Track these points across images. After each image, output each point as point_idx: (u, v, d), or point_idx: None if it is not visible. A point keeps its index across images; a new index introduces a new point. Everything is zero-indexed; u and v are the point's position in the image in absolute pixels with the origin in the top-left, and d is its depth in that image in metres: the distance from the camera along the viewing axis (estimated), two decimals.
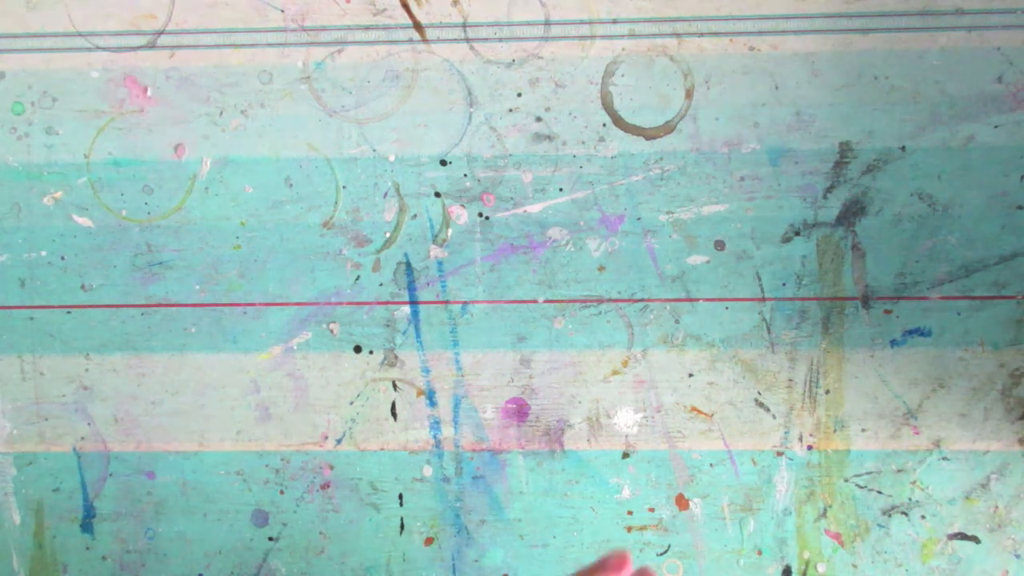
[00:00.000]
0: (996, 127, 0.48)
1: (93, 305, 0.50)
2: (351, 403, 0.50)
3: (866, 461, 0.49)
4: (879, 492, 0.49)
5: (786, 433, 0.49)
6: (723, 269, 0.49)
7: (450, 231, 0.49)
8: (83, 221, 0.50)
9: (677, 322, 0.49)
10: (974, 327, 0.48)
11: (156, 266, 0.50)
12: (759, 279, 0.49)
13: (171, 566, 0.51)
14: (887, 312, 0.49)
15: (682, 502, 0.49)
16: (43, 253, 0.50)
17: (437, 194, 0.49)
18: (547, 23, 0.49)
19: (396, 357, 0.50)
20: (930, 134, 0.48)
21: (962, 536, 0.49)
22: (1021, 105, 0.48)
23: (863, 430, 0.49)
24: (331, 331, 0.50)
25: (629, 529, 0.50)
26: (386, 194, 0.50)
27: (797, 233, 0.49)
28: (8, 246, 0.50)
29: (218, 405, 0.50)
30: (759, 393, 0.49)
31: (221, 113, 0.50)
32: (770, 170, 0.49)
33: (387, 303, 0.50)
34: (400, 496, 0.50)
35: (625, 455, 0.50)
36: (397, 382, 0.50)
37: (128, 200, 0.50)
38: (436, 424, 0.50)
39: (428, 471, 0.50)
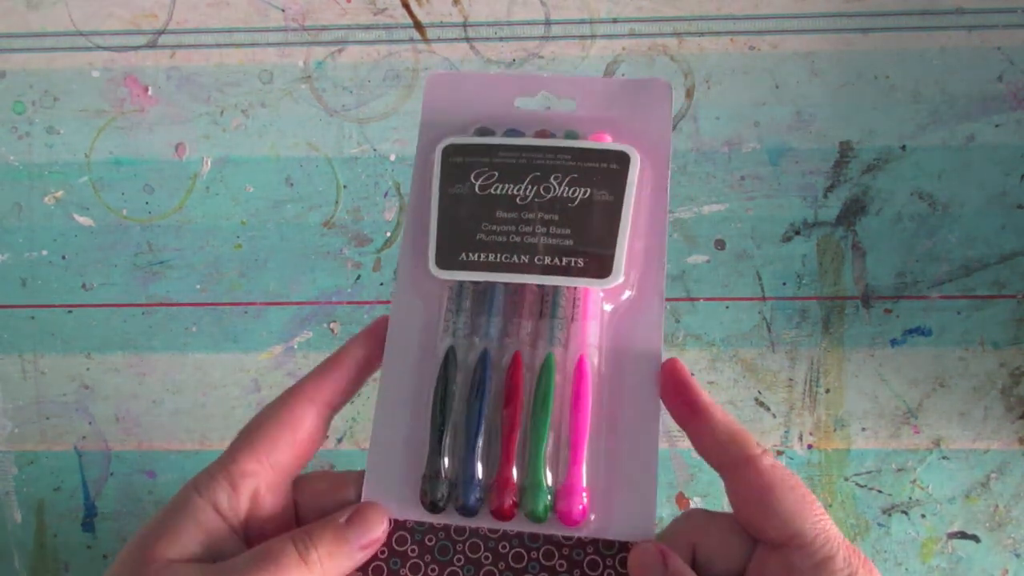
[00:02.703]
0: (996, 126, 0.48)
1: (94, 304, 0.50)
2: (351, 402, 0.50)
3: (866, 460, 0.49)
4: (879, 491, 0.49)
5: (786, 432, 0.49)
6: (723, 268, 0.49)
7: None
8: (84, 220, 0.50)
9: (677, 322, 0.49)
10: (974, 326, 0.48)
11: (157, 265, 0.50)
12: (759, 278, 0.49)
13: None
14: (887, 311, 0.49)
15: (682, 501, 0.49)
16: (44, 252, 0.50)
17: None
18: (547, 23, 0.49)
19: None
20: (930, 134, 0.48)
21: (962, 535, 0.49)
22: (1021, 105, 0.48)
23: (863, 429, 0.49)
24: (332, 330, 0.50)
25: None
26: (387, 193, 0.50)
27: (797, 232, 0.49)
28: (9, 245, 0.50)
29: (219, 404, 0.50)
30: (759, 392, 0.49)
31: (222, 112, 0.50)
32: (770, 169, 0.49)
33: (388, 302, 0.50)
34: None
35: None
36: None
37: (129, 199, 0.50)
38: None
39: None
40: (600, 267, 0.31)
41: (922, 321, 0.49)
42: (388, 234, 0.50)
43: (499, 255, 0.31)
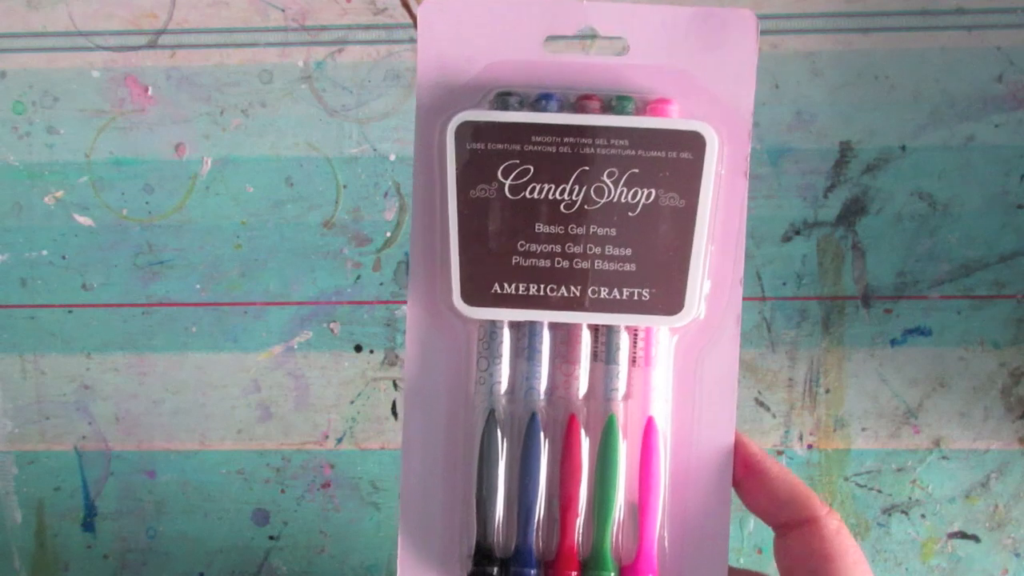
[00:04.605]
0: (996, 127, 0.48)
1: (94, 304, 0.50)
2: (352, 402, 0.50)
3: (866, 460, 0.49)
4: (879, 491, 0.49)
5: (786, 432, 0.49)
6: None
7: None
8: (84, 220, 0.50)
9: None
10: (974, 326, 0.48)
11: (157, 265, 0.50)
12: (759, 278, 0.49)
13: (172, 565, 0.51)
14: (887, 311, 0.49)
15: None
16: (44, 252, 0.50)
17: None
18: None
19: (397, 356, 0.50)
20: (930, 134, 0.48)
21: (962, 535, 0.49)
22: (1021, 105, 0.48)
23: (863, 429, 0.49)
24: (332, 330, 0.50)
25: None
26: (387, 193, 0.50)
27: (797, 232, 0.49)
28: (9, 245, 0.50)
29: (219, 404, 0.50)
30: (759, 392, 0.49)
31: (222, 112, 0.50)
32: (770, 169, 0.49)
33: (388, 302, 0.50)
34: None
35: None
36: (398, 381, 0.50)
37: (129, 199, 0.50)
38: None
39: None
40: (669, 300, 0.25)
41: (922, 321, 0.49)
42: (388, 234, 0.50)
43: (542, 286, 0.25)
